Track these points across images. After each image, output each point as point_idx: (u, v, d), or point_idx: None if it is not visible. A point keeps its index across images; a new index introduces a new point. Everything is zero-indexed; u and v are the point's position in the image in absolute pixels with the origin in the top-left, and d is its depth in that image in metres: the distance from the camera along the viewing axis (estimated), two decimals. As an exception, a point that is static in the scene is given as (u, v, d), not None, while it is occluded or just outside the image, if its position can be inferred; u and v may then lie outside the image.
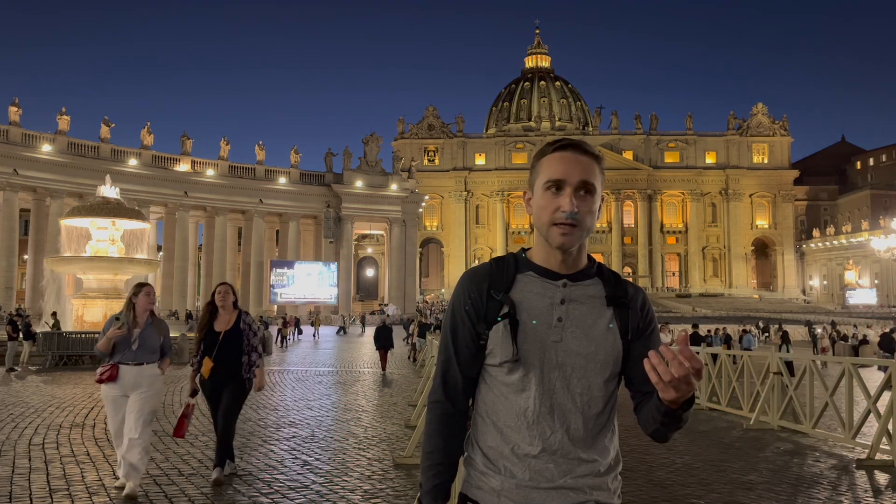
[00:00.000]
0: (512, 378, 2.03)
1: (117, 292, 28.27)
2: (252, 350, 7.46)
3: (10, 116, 59.90)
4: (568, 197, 2.03)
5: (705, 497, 7.44)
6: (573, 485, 1.98)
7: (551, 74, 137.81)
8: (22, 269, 68.40)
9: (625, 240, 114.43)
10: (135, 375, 6.86)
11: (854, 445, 10.20)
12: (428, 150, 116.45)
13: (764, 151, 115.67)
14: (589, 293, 2.08)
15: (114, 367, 6.85)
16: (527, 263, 2.12)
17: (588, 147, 2.10)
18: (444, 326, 2.17)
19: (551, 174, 2.05)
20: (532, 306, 2.05)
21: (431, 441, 2.12)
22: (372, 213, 79.58)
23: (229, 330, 7.42)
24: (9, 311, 51.60)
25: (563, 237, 2.03)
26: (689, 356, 1.76)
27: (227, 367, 7.33)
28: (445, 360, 2.14)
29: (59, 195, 60.03)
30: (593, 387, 2.03)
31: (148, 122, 68.98)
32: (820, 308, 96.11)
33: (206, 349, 7.39)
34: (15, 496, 7.00)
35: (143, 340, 6.94)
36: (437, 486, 2.08)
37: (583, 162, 2.05)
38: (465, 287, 2.13)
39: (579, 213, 2.02)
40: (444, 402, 2.13)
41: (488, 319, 2.06)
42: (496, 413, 2.05)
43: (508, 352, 2.01)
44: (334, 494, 7.25)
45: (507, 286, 2.08)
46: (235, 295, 7.69)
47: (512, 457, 2.00)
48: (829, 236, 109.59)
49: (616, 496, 2.06)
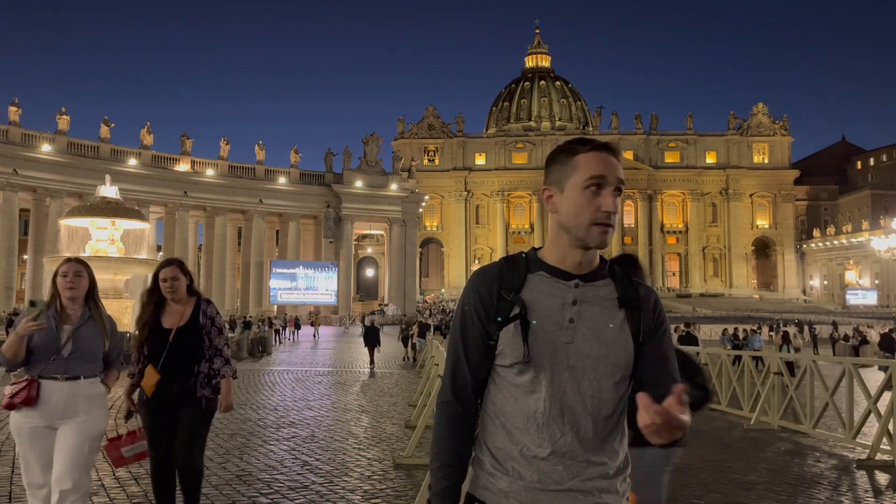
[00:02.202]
0: (522, 379, 2.01)
1: (117, 292, 28.27)
2: (216, 354, 5.30)
3: (9, 116, 59.86)
4: (610, 196, 2.03)
5: (705, 497, 7.43)
6: (582, 487, 1.97)
7: (551, 74, 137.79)
8: (22, 269, 68.38)
9: (625, 240, 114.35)
10: (66, 396, 4.48)
11: (854, 446, 10.19)
12: (428, 150, 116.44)
13: (764, 151, 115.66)
14: (601, 294, 2.06)
15: (31, 382, 4.46)
16: (538, 263, 2.10)
17: (616, 146, 2.13)
18: (454, 326, 2.14)
19: (594, 171, 2.03)
20: (543, 307, 2.02)
21: (440, 442, 2.10)
22: (372, 213, 79.58)
23: (183, 326, 5.22)
24: (9, 311, 51.63)
25: (602, 236, 2.03)
26: (671, 417, 1.75)
27: (180, 379, 5.16)
28: (455, 361, 2.11)
29: (59, 195, 60.01)
30: (604, 389, 2.01)
31: (148, 122, 68.98)
32: (820, 308, 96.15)
33: (150, 355, 5.17)
34: (15, 496, 6.99)
35: (79, 343, 4.53)
36: (446, 489, 2.06)
37: (616, 163, 2.08)
38: (476, 286, 2.10)
39: (614, 213, 2.04)
40: (454, 402, 2.10)
41: (499, 320, 2.04)
42: (505, 414, 2.03)
43: (519, 353, 1.99)
44: (334, 494, 7.25)
45: (518, 286, 2.05)
46: (189, 276, 5.38)
47: (521, 458, 1.99)
48: (829, 236, 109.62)
49: (625, 499, 2.05)
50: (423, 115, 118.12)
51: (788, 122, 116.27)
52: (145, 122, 69.39)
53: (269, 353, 31.78)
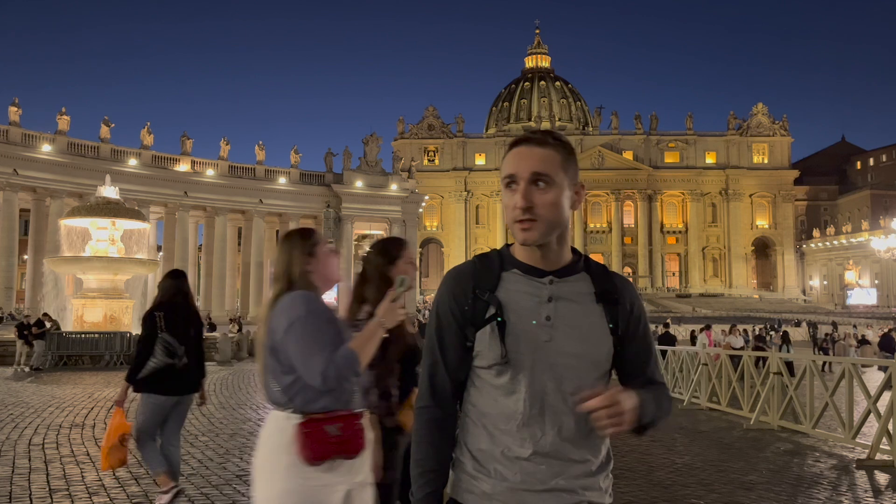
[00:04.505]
0: (501, 380, 1.97)
1: (117, 292, 28.30)
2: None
3: (9, 116, 59.84)
4: (520, 192, 1.97)
5: (705, 497, 7.43)
6: (565, 486, 1.95)
7: (551, 74, 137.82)
8: (22, 269, 68.39)
9: (625, 240, 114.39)
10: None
11: (854, 445, 10.19)
12: (428, 151, 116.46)
13: (764, 151, 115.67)
14: (577, 289, 2.02)
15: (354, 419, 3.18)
16: (512, 260, 2.05)
17: (545, 137, 2.02)
18: (429, 330, 2.09)
19: (504, 171, 2.01)
20: (519, 306, 1.98)
21: (421, 448, 2.05)
22: (372, 214, 79.58)
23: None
24: (9, 311, 51.64)
25: (523, 233, 1.97)
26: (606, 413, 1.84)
27: None
28: (432, 365, 2.07)
29: (59, 195, 59.99)
30: (585, 386, 1.97)
31: (148, 123, 68.94)
32: (820, 308, 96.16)
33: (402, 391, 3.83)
34: (15, 496, 6.99)
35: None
36: (429, 495, 2.01)
37: (537, 154, 1.98)
38: (450, 287, 2.05)
39: (536, 206, 1.96)
40: (433, 407, 2.06)
41: (475, 321, 1.99)
42: (486, 415, 2.00)
43: (497, 354, 1.95)
44: (334, 494, 7.23)
45: (493, 285, 2.01)
46: None
47: (503, 459, 1.95)
48: (829, 236, 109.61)
49: (608, 495, 2.04)
50: (423, 116, 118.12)
51: (788, 122, 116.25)
52: (145, 123, 69.39)
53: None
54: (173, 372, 6.25)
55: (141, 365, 6.23)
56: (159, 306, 6.42)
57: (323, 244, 3.47)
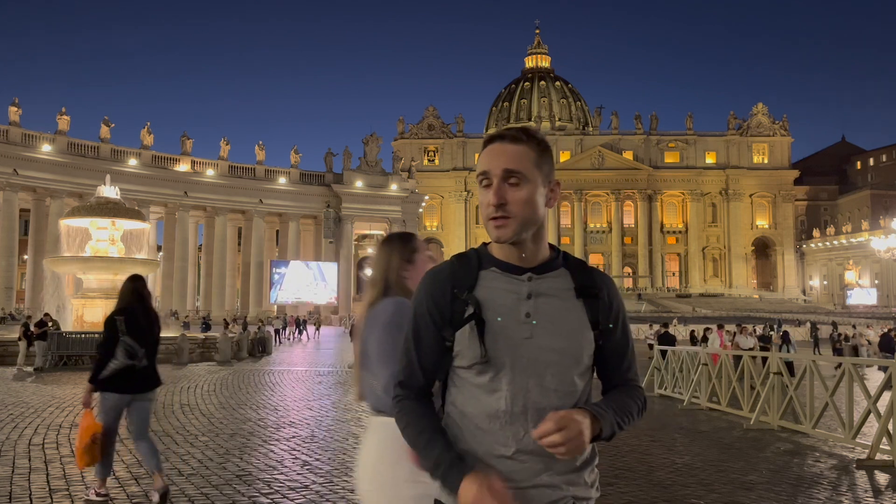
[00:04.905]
0: (482, 379, 1.96)
1: (117, 292, 28.24)
2: None
3: (10, 116, 59.89)
4: (493, 190, 1.97)
5: (705, 497, 7.43)
6: (550, 482, 1.95)
7: (551, 74, 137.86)
8: (22, 269, 68.43)
9: (625, 240, 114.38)
10: None
11: (854, 445, 10.19)
12: (428, 150, 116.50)
13: (764, 151, 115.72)
14: (556, 286, 2.02)
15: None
16: (490, 259, 2.04)
17: (518, 134, 2.01)
18: (407, 331, 2.08)
19: (479, 168, 2.01)
20: (499, 304, 1.97)
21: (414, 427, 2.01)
22: (372, 213, 79.59)
23: None
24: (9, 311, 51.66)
25: (497, 230, 1.98)
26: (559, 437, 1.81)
27: None
28: (407, 365, 2.07)
29: (59, 195, 60.05)
30: (567, 382, 1.97)
31: (148, 123, 69.04)
32: (820, 308, 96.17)
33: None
34: (15, 496, 7.00)
35: None
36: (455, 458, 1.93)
37: (510, 151, 1.98)
38: (428, 289, 2.04)
39: (509, 203, 1.95)
40: (408, 394, 2.06)
41: (454, 321, 1.98)
42: (468, 415, 1.99)
43: (476, 353, 1.94)
44: (334, 494, 7.24)
45: (472, 284, 2.00)
46: None
47: (486, 458, 1.95)
48: (829, 236, 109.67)
49: (594, 489, 2.04)
50: (423, 116, 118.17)
51: (788, 122, 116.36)
52: (145, 123, 69.48)
53: (269, 353, 31.79)
54: (132, 372, 6.59)
55: (102, 367, 6.53)
56: (120, 311, 6.88)
57: (422, 251, 3.52)
